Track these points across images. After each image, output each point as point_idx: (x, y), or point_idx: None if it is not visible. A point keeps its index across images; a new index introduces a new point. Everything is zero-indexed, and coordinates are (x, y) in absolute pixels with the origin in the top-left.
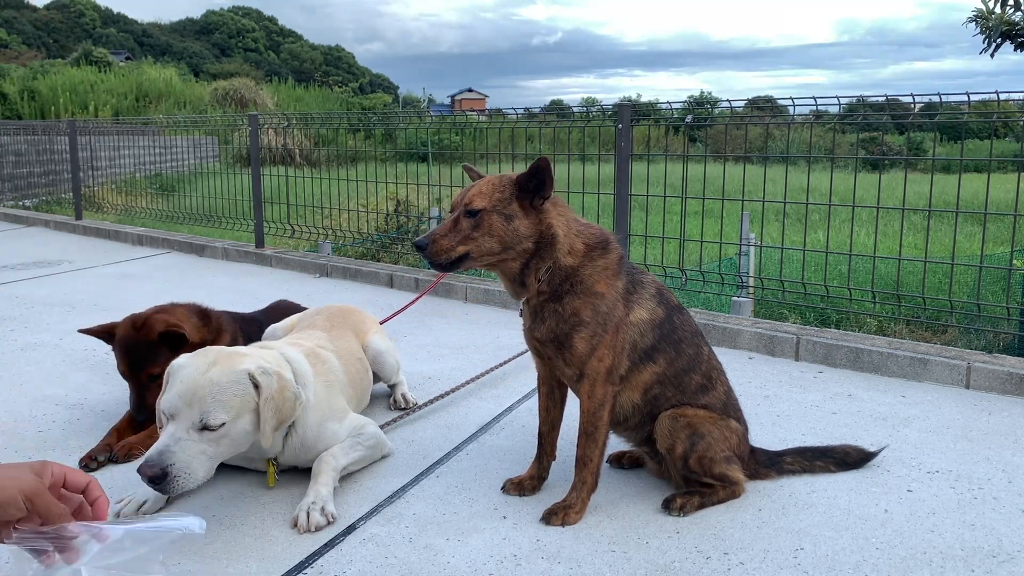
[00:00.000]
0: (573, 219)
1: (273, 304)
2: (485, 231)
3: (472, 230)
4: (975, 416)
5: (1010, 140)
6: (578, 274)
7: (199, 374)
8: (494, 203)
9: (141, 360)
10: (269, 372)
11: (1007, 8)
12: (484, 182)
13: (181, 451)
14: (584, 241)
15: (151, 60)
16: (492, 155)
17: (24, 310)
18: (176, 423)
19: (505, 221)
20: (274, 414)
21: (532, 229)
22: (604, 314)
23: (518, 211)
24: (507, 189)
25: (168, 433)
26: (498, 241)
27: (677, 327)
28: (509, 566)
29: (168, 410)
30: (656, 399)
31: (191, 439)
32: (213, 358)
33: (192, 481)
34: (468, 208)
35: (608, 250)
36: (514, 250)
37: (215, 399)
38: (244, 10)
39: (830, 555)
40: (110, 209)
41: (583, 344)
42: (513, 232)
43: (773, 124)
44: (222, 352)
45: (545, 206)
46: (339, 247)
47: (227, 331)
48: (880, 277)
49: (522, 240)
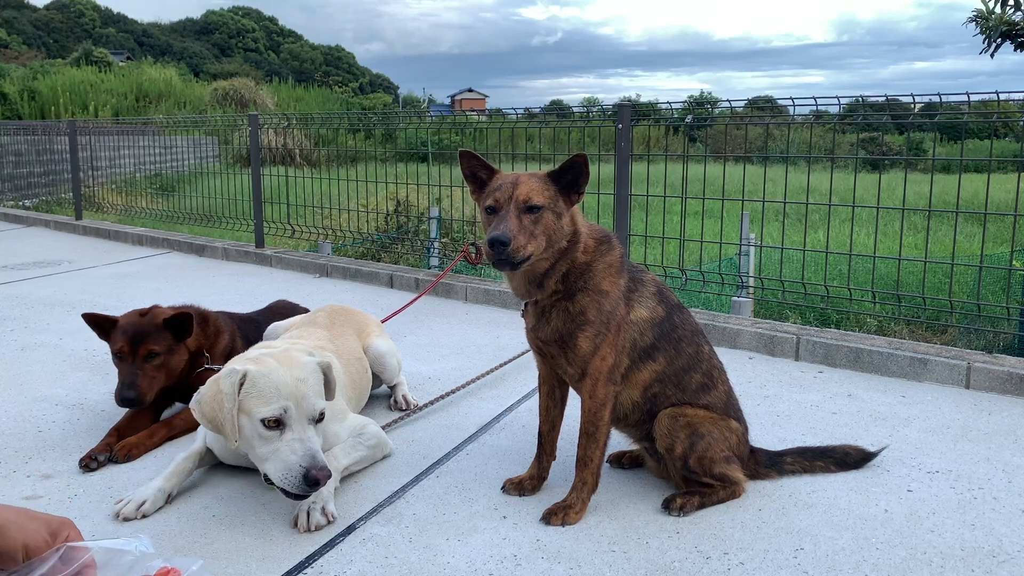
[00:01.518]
0: (581, 217)
1: (272, 304)
2: (543, 229)
3: (535, 225)
4: (975, 416)
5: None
6: (591, 270)
7: (289, 377)
8: (548, 200)
9: (142, 337)
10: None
11: (1007, 8)
12: (529, 177)
13: (319, 450)
14: (594, 238)
15: (151, 60)
16: (492, 155)
17: (24, 310)
18: (296, 428)
19: (556, 219)
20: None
21: (570, 227)
22: (608, 312)
23: (564, 208)
24: (551, 185)
25: (305, 439)
26: (547, 239)
27: (677, 326)
28: (509, 566)
29: (286, 417)
30: (656, 397)
31: (313, 434)
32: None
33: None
34: (528, 204)
35: (612, 247)
36: (553, 248)
37: (316, 392)
38: (244, 10)
39: (830, 555)
40: (110, 209)
41: (587, 343)
42: (560, 230)
43: (773, 124)
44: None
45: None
46: (339, 247)
47: (225, 332)
48: (880, 277)
49: (564, 238)
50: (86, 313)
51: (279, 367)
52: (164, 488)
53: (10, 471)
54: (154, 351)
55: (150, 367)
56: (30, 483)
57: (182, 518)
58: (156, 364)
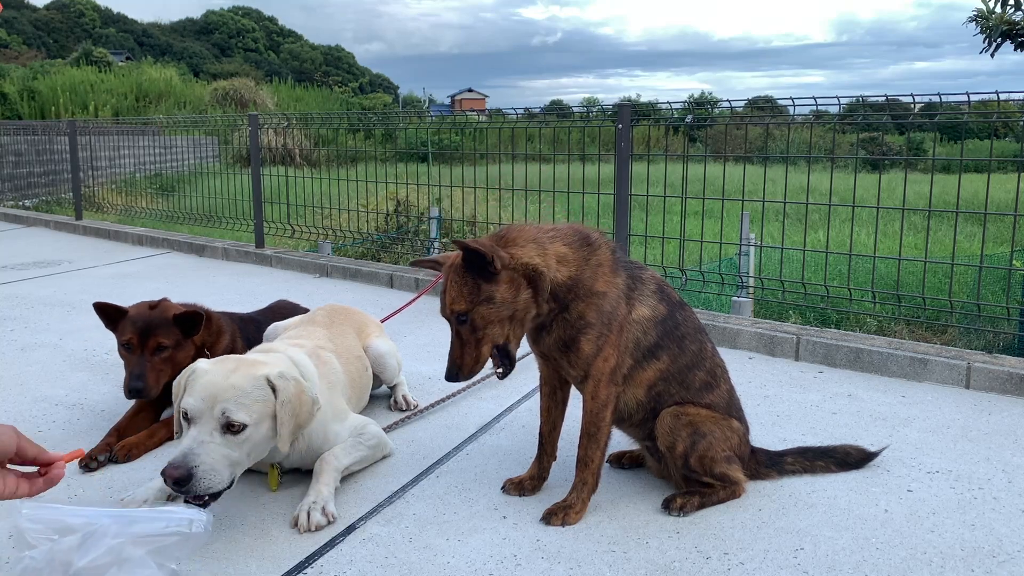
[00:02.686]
0: (540, 233)
1: (272, 304)
2: (484, 325)
3: (475, 332)
4: (975, 416)
5: (1010, 140)
6: (579, 279)
7: (221, 378)
8: (469, 300)
9: (151, 329)
10: (287, 377)
11: (1007, 8)
12: (449, 281)
13: (205, 453)
14: (565, 245)
15: (151, 60)
16: (492, 155)
17: (24, 310)
18: (199, 426)
19: (490, 304)
20: (292, 418)
21: (513, 286)
22: (608, 313)
23: (491, 288)
24: (467, 279)
25: (191, 436)
26: (500, 322)
27: (680, 323)
28: (509, 566)
29: (191, 412)
30: (660, 396)
31: (214, 441)
32: (234, 365)
33: (218, 482)
34: (458, 315)
35: (593, 245)
36: (519, 310)
37: (237, 401)
38: (244, 10)
39: (830, 555)
40: (110, 209)
41: (589, 345)
42: (503, 304)
43: (773, 124)
44: (242, 359)
45: (510, 252)
46: (339, 247)
47: (226, 332)
48: (880, 277)
49: (516, 300)
50: (97, 302)
51: (217, 368)
52: (164, 488)
53: None
54: (163, 344)
55: (158, 360)
56: None
57: None
58: (164, 357)
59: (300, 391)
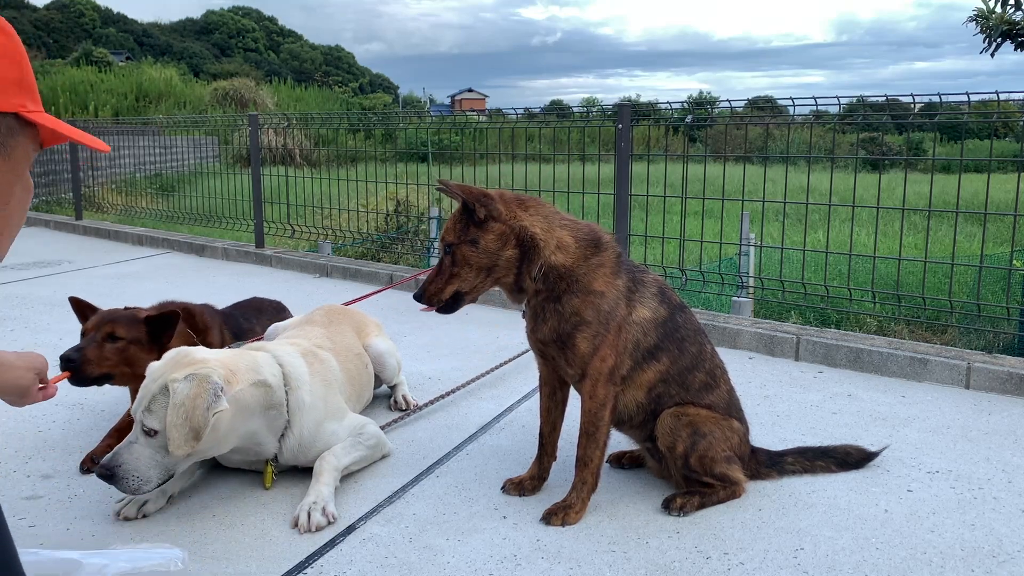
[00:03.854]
0: (556, 216)
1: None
2: (462, 263)
3: (453, 266)
4: (975, 416)
5: (1010, 140)
6: (573, 273)
7: (149, 381)
8: (458, 235)
9: (112, 321)
10: (195, 377)
11: (1007, 8)
12: (450, 218)
13: (130, 455)
14: (572, 235)
15: (151, 60)
16: (492, 155)
17: (24, 310)
18: (134, 428)
19: (472, 246)
20: (184, 421)
21: (500, 240)
22: (606, 313)
23: (477, 232)
24: (462, 218)
25: (127, 437)
26: (477, 267)
27: (680, 325)
28: (509, 566)
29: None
30: (660, 397)
31: (140, 444)
32: (162, 367)
33: (144, 484)
34: (446, 245)
35: (601, 247)
36: (499, 267)
37: (148, 408)
38: (244, 10)
39: (830, 555)
40: (110, 209)
41: (585, 344)
42: (484, 252)
43: (773, 124)
44: (178, 359)
45: (516, 212)
46: (339, 247)
47: (213, 326)
48: (880, 277)
49: (498, 253)
50: (72, 296)
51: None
52: (165, 489)
53: (10, 471)
54: (117, 334)
55: (109, 346)
56: (30, 483)
57: (182, 518)
58: (115, 347)
59: (197, 394)
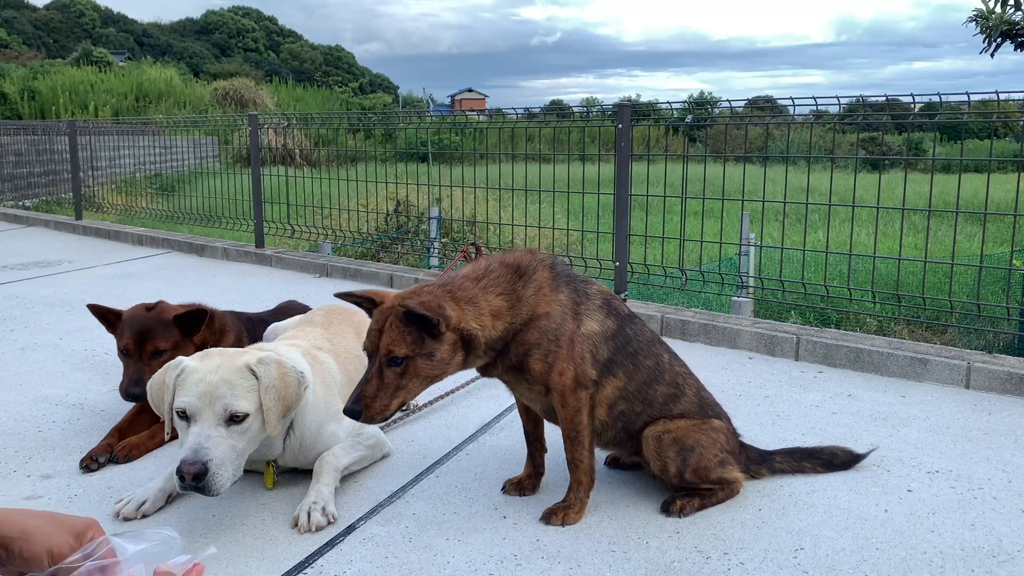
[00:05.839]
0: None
1: (281, 305)
2: (413, 375)
3: (400, 378)
4: (975, 416)
5: (1010, 140)
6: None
7: (211, 373)
8: (411, 348)
9: (148, 334)
10: (267, 362)
11: (1007, 8)
12: (389, 324)
13: (215, 446)
14: (496, 292)
15: (151, 60)
16: (492, 155)
17: (24, 310)
18: (201, 423)
19: (428, 359)
20: (278, 401)
21: (453, 348)
22: (553, 331)
23: (434, 344)
24: (412, 328)
25: (196, 433)
26: (427, 378)
27: (631, 339)
28: (509, 566)
29: (189, 412)
30: (624, 415)
31: (220, 435)
32: (218, 360)
33: (228, 478)
34: (391, 357)
35: (527, 274)
36: (448, 371)
37: (234, 393)
38: (244, 10)
39: (830, 555)
40: (110, 209)
41: (539, 364)
42: (440, 363)
43: (773, 124)
44: (224, 352)
45: (460, 312)
46: (339, 247)
47: (230, 331)
48: (880, 277)
49: (450, 361)
50: (92, 304)
51: (205, 364)
52: (165, 488)
53: (10, 471)
54: (160, 348)
55: (156, 364)
56: (30, 483)
57: (182, 518)
58: (162, 361)
59: (283, 372)
